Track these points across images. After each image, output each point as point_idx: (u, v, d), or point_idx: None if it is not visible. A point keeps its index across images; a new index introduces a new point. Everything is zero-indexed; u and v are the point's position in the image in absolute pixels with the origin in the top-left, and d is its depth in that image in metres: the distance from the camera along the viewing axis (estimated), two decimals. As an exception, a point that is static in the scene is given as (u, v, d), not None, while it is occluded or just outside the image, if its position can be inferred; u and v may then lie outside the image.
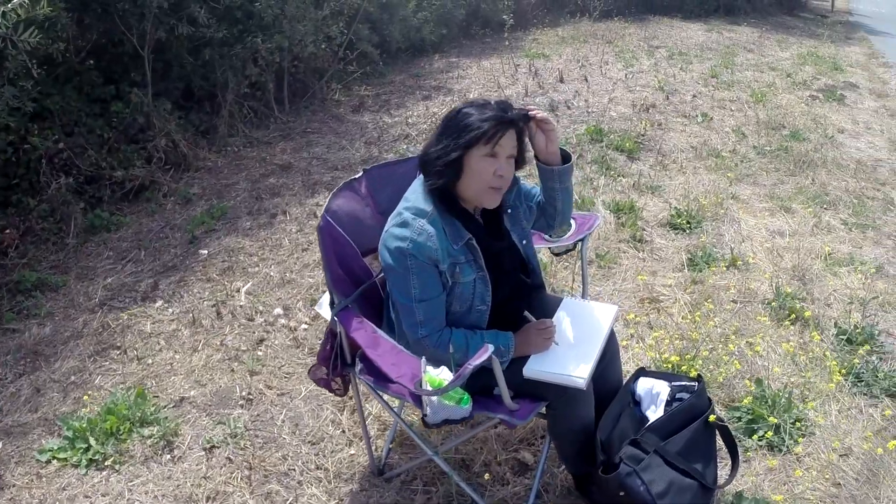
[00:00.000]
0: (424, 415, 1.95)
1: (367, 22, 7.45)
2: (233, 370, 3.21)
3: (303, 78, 6.79)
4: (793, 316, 3.46)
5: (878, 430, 2.82)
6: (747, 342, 3.28)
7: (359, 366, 2.24)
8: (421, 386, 1.87)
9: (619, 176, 5.21)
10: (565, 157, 2.25)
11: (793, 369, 3.11)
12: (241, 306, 3.68)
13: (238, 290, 3.82)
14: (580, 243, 2.66)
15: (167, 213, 4.74)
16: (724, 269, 3.97)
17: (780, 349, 3.22)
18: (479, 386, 2.06)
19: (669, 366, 2.98)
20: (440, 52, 8.83)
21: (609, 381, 2.38)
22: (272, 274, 3.99)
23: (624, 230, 4.39)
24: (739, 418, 2.82)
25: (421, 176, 2.13)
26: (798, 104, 6.90)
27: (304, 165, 5.49)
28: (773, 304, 3.55)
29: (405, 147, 5.75)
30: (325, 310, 2.31)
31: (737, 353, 3.17)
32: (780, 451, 2.69)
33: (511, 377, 2.01)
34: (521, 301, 2.30)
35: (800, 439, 2.73)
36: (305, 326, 3.51)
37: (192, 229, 4.47)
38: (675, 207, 4.65)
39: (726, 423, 2.42)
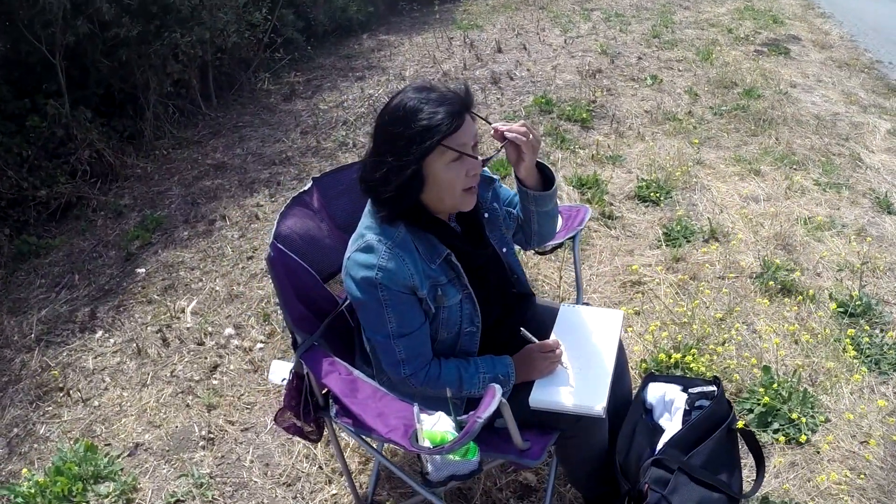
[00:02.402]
0: (426, 472, 1.64)
1: (290, 6, 7.13)
2: (188, 405, 2.91)
3: (228, 70, 6.45)
4: (786, 290, 3.30)
5: (892, 412, 2.67)
6: (744, 323, 3.10)
7: (334, 409, 1.94)
8: (417, 441, 1.58)
9: (575, 148, 4.99)
10: (549, 179, 1.89)
11: (797, 350, 2.95)
12: (187, 329, 3.37)
13: (183, 311, 3.50)
14: (571, 241, 2.40)
15: (99, 230, 4.38)
16: (704, 242, 3.79)
17: (780, 328, 3.06)
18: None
19: (666, 358, 2.78)
20: (369, 32, 8.48)
21: (619, 393, 2.14)
22: (218, 288, 3.67)
23: (591, 207, 4.16)
24: (751, 410, 2.64)
25: None
26: (745, 60, 6.80)
27: (239, 163, 5.15)
28: (763, 277, 3.38)
29: (343, 134, 5.43)
30: (277, 373, 1.99)
31: (736, 337, 2.99)
32: (799, 443, 2.52)
33: (514, 407, 1.70)
34: (513, 317, 2.03)
35: (817, 426, 2.56)
36: (261, 345, 3.21)
37: (126, 245, 4.14)
38: (642, 178, 4.46)
39: (752, 429, 2.22)
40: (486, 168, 1.87)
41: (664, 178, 4.44)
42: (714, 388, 2.18)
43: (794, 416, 2.54)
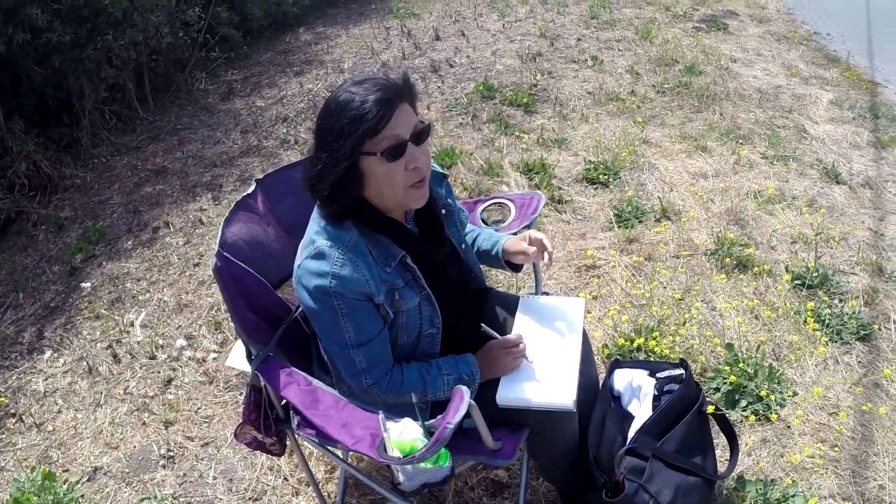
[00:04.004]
0: (398, 483, 1.56)
1: (224, 2, 6.91)
2: (145, 423, 2.82)
3: (164, 72, 6.23)
4: (742, 265, 3.30)
5: (858, 380, 2.69)
6: (703, 302, 3.09)
7: (295, 420, 1.84)
8: (386, 451, 1.49)
9: (520, 132, 4.94)
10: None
11: (758, 326, 2.95)
12: (138, 343, 3.26)
13: (132, 325, 3.39)
14: (526, 230, 2.33)
15: (40, 245, 4.22)
16: (656, 221, 3.78)
17: (739, 305, 3.06)
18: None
19: (629, 343, 2.74)
20: (305, 25, 8.33)
21: (586, 383, 2.08)
22: (166, 299, 3.55)
23: (540, 192, 4.11)
24: (718, 389, 2.62)
25: None
26: (684, 37, 6.85)
27: (180, 167, 4.99)
28: (718, 254, 3.38)
29: (284, 131, 5.29)
30: (238, 361, 1.88)
31: (697, 316, 2.97)
32: (768, 419, 2.51)
33: (481, 406, 1.63)
34: (472, 313, 1.96)
35: (780, 400, 2.56)
36: (214, 355, 3.12)
37: (69, 260, 3.99)
38: (589, 160, 4.43)
39: (722, 410, 2.20)
40: (435, 164, 1.80)
41: (611, 159, 4.42)
42: (682, 370, 2.16)
43: (764, 393, 2.53)
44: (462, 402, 1.45)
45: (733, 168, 4.30)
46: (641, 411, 2.14)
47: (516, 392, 1.73)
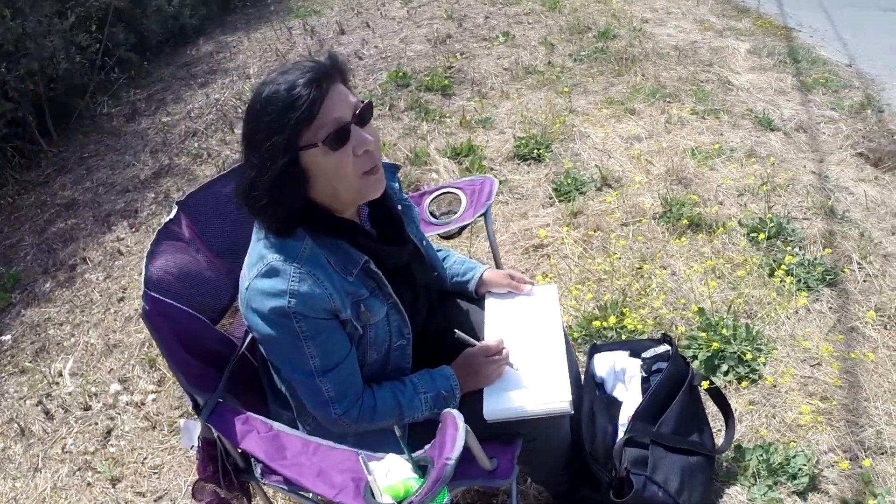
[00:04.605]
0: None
1: (120, 21, 6.51)
2: (89, 483, 2.55)
3: (64, 100, 5.80)
4: (695, 225, 3.20)
5: (834, 326, 2.60)
6: (663, 268, 2.97)
7: (258, 468, 1.60)
8: (374, 498, 1.26)
9: (441, 117, 4.76)
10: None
11: (723, 285, 2.84)
12: (69, 394, 2.98)
13: (60, 375, 3.09)
14: (483, 218, 2.15)
15: None
16: (598, 191, 3.65)
17: (700, 266, 2.94)
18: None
19: (600, 323, 2.59)
20: (205, 35, 7.98)
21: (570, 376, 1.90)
22: (93, 341, 3.26)
23: (470, 175, 3.94)
24: (695, 357, 2.49)
25: None
26: (593, 3, 6.78)
27: (91, 197, 4.64)
28: (668, 216, 3.27)
29: (196, 145, 4.97)
30: (191, 435, 1.62)
31: (662, 284, 2.85)
32: (753, 381, 2.40)
33: (467, 421, 1.41)
34: (439, 316, 1.76)
35: (762, 360, 2.45)
36: (153, 396, 2.86)
37: None
38: (518, 136, 4.27)
39: (717, 385, 2.06)
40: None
41: (541, 132, 4.28)
42: (667, 347, 2.01)
43: (749, 356, 2.42)
44: (457, 431, 1.24)
45: (665, 127, 4.21)
46: (629, 395, 1.99)
47: (505, 403, 1.54)
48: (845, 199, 3.33)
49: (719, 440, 2.12)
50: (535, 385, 1.56)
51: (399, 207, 1.63)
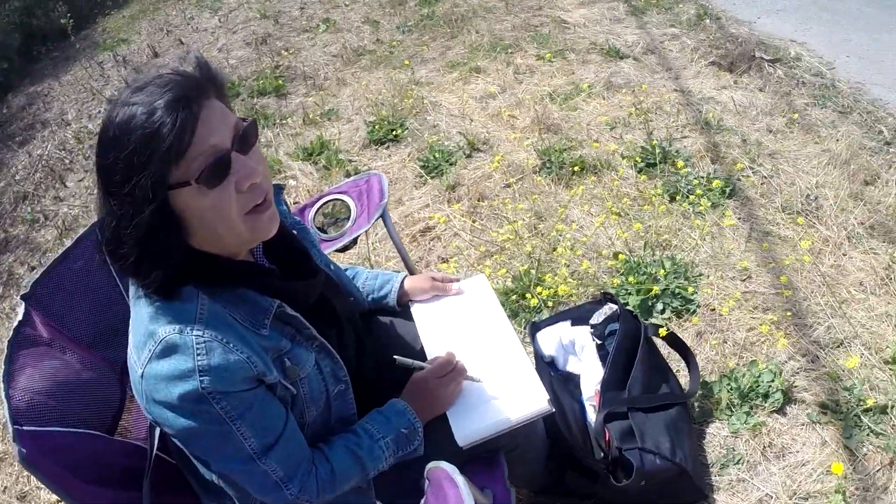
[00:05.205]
0: None
1: None
2: None
3: None
4: (579, 170, 3.05)
5: (748, 236, 2.53)
6: (561, 221, 2.81)
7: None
8: None
9: (281, 119, 4.42)
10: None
11: (628, 223, 2.71)
12: None
13: None
14: (381, 219, 1.89)
15: None
16: (467, 158, 3.45)
17: (599, 210, 2.80)
18: (410, 484, 1.23)
19: (531, 297, 2.39)
20: (12, 91, 7.18)
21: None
22: None
23: (331, 173, 3.65)
24: (626, 304, 2.33)
25: None
26: (402, -27, 6.59)
27: None
28: (549, 167, 3.12)
29: (29, 210, 4.35)
30: None
31: (568, 238, 2.68)
32: (692, 312, 2.28)
33: (436, 454, 1.20)
34: (373, 345, 1.48)
35: (693, 289, 2.34)
36: None
37: None
38: (368, 121, 4.01)
39: (673, 331, 1.91)
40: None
41: (391, 112, 4.03)
42: (613, 306, 1.83)
43: (690, 289, 2.29)
44: (457, 487, 0.98)
45: (515, 79, 4.07)
46: (585, 366, 1.80)
47: (478, 422, 1.30)
48: (714, 108, 3.30)
49: (684, 383, 1.99)
50: (504, 393, 1.33)
51: (295, 232, 1.35)
